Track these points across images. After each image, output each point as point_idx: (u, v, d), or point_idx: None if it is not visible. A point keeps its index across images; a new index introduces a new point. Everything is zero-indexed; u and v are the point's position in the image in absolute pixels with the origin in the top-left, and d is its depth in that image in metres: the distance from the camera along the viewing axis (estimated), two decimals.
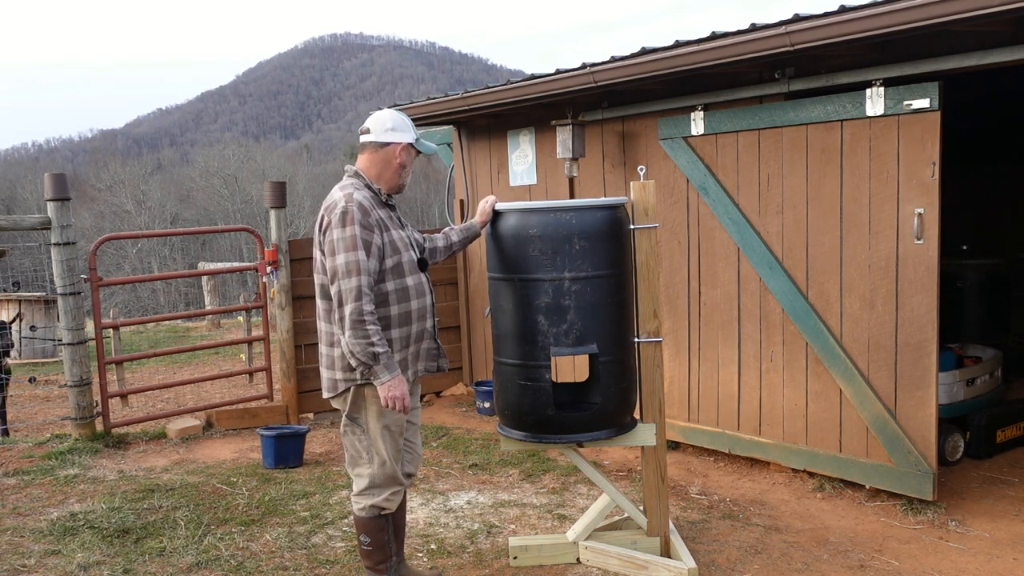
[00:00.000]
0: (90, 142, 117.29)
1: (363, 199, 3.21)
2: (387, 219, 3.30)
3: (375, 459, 3.34)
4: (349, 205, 3.16)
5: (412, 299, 3.32)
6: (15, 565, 4.05)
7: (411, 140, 3.40)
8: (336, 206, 3.19)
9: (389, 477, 3.36)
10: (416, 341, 3.39)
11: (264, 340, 7.20)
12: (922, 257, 4.33)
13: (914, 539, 4.15)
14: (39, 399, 8.93)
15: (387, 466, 3.34)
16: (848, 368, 4.65)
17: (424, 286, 3.39)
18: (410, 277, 3.31)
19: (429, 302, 3.42)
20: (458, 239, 3.74)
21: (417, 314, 3.35)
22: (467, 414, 7.00)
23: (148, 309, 32.97)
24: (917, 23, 3.79)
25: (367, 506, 3.37)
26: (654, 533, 3.92)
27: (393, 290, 3.26)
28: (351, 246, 3.12)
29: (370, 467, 3.35)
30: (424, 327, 3.41)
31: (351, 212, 3.14)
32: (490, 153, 7.14)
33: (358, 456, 3.38)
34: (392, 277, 3.25)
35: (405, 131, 3.39)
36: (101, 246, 6.65)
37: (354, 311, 3.09)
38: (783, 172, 4.90)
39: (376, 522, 3.40)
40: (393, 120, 3.39)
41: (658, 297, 3.81)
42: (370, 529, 3.41)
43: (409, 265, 3.31)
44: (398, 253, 3.27)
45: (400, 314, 3.28)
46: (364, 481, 3.37)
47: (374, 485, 3.36)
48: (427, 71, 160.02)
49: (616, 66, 5.19)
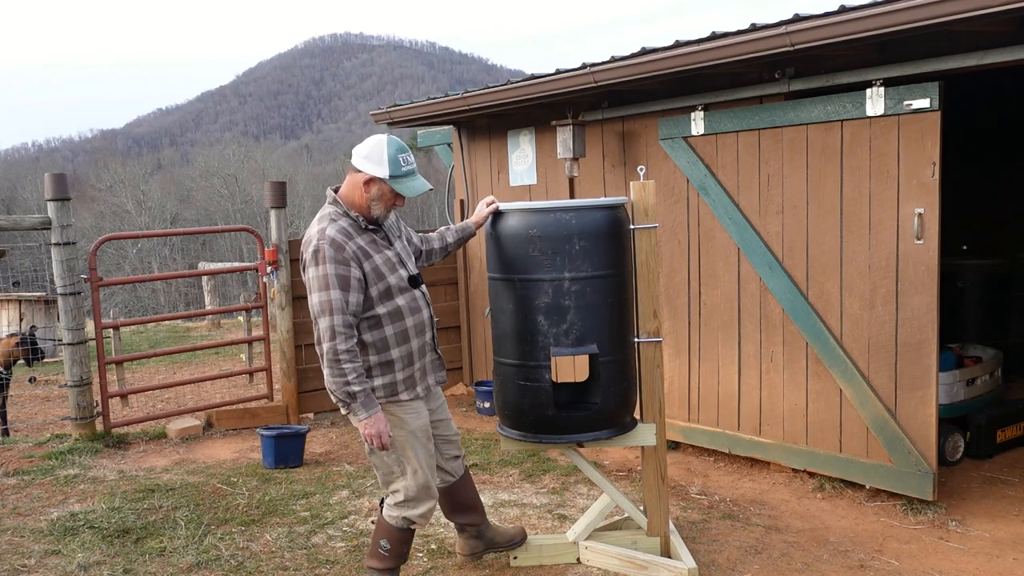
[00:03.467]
0: (90, 142, 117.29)
1: (336, 233, 3.15)
2: (368, 245, 3.23)
3: (407, 469, 3.32)
4: (320, 243, 3.13)
5: (407, 317, 3.30)
6: (15, 565, 4.05)
7: (380, 176, 3.17)
8: (310, 244, 3.17)
9: (423, 487, 3.34)
10: (420, 356, 3.39)
11: (264, 340, 7.20)
12: (922, 257, 4.33)
13: (914, 539, 4.15)
14: (39, 399, 8.93)
15: (419, 474, 3.33)
16: (848, 368, 4.65)
17: (419, 301, 3.37)
18: (401, 297, 3.28)
19: (426, 316, 3.40)
20: (453, 240, 3.75)
21: (415, 331, 3.34)
22: (467, 414, 7.00)
23: (148, 309, 32.97)
24: (917, 23, 3.79)
25: (400, 517, 3.36)
26: (654, 533, 3.92)
27: (385, 313, 3.25)
28: (323, 285, 3.10)
29: (404, 479, 3.33)
30: (424, 341, 3.40)
31: (322, 251, 3.12)
32: (490, 153, 7.14)
33: (390, 473, 3.35)
34: (382, 301, 3.24)
35: (378, 164, 3.17)
36: (101, 246, 6.65)
37: (329, 351, 3.10)
38: (783, 172, 4.90)
39: (403, 534, 3.40)
40: (370, 149, 3.21)
41: (658, 297, 3.81)
42: (394, 538, 3.39)
43: (398, 286, 3.28)
44: (384, 278, 3.24)
45: (397, 334, 3.28)
46: (400, 496, 3.35)
47: (409, 498, 3.34)
48: (427, 71, 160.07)
49: (616, 66, 5.18)
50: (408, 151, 3.25)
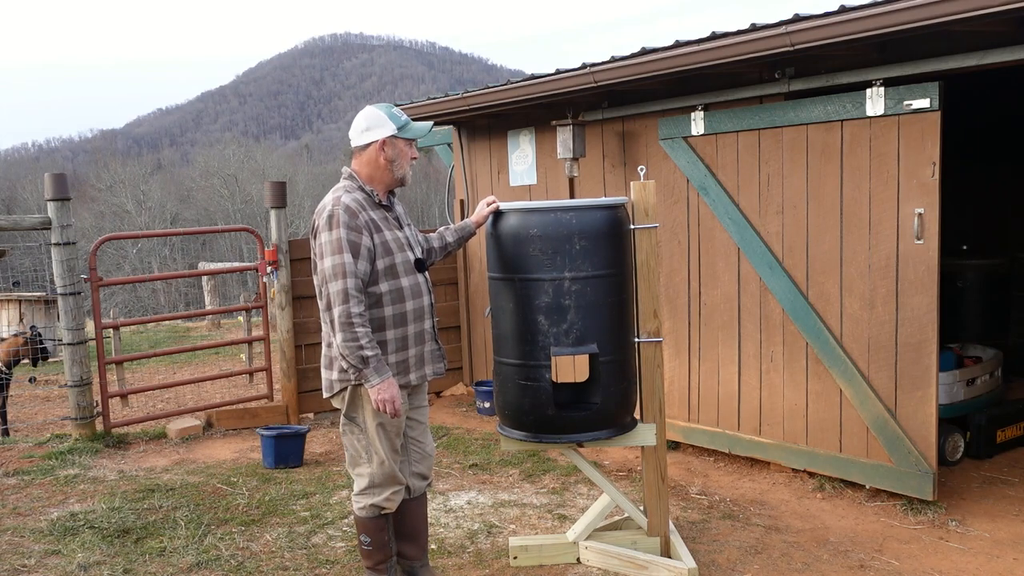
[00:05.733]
0: (90, 142, 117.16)
1: (351, 201, 3.19)
2: (381, 220, 3.27)
3: (374, 458, 3.33)
4: (335, 208, 3.16)
5: (408, 300, 3.29)
6: (15, 565, 4.05)
7: (388, 133, 3.26)
8: (324, 210, 3.20)
9: (388, 476, 3.35)
10: (417, 343, 3.35)
11: (264, 340, 7.21)
12: (922, 257, 4.33)
13: (914, 539, 4.15)
14: (39, 399, 8.94)
15: (385, 465, 3.33)
16: (848, 368, 4.65)
17: (421, 287, 3.36)
18: (405, 278, 3.29)
19: (427, 303, 3.39)
20: (453, 239, 3.72)
21: (413, 315, 3.32)
22: (467, 414, 7.00)
23: (148, 309, 32.95)
24: (917, 23, 3.79)
25: (367, 505, 3.37)
26: (654, 533, 3.92)
27: (387, 291, 3.24)
28: (337, 249, 3.11)
29: (369, 466, 3.34)
30: (423, 328, 3.38)
31: (336, 215, 3.14)
32: (490, 153, 7.14)
33: (358, 456, 3.37)
34: (386, 278, 3.23)
35: (381, 126, 3.27)
36: (101, 246, 6.65)
37: (341, 314, 3.09)
38: (783, 172, 4.90)
39: (376, 522, 3.40)
40: (367, 119, 3.29)
41: (658, 297, 3.81)
42: (370, 529, 3.40)
43: (404, 266, 3.28)
44: (391, 254, 3.24)
45: (395, 315, 3.26)
46: (364, 481, 3.36)
47: (374, 485, 3.35)
48: (427, 71, 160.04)
49: (616, 66, 5.19)
50: (397, 108, 3.37)
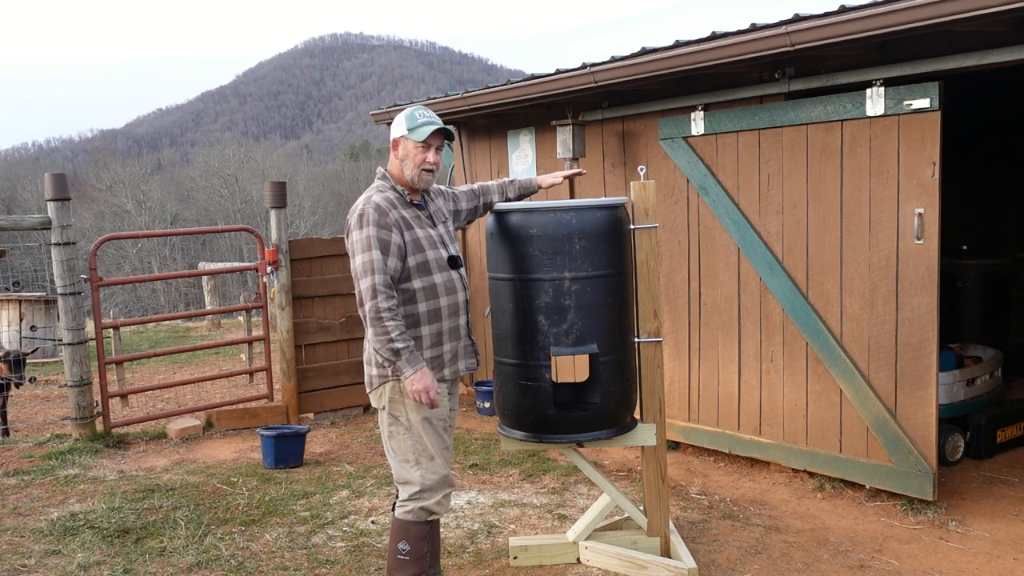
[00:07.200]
0: (90, 142, 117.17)
1: (382, 200, 3.25)
2: (412, 219, 3.31)
3: (423, 457, 3.25)
4: (365, 207, 3.23)
5: (441, 296, 3.31)
6: (15, 565, 4.05)
7: (400, 134, 3.34)
8: (355, 210, 3.27)
9: (441, 478, 3.27)
10: (451, 339, 3.36)
11: (264, 340, 7.21)
12: (922, 257, 4.33)
13: (914, 539, 4.15)
14: (39, 399, 8.93)
15: (437, 462, 3.26)
16: (848, 368, 4.65)
17: (455, 283, 3.37)
18: (438, 274, 3.31)
19: (462, 299, 3.40)
20: (514, 196, 3.85)
21: (448, 311, 3.33)
22: (467, 414, 7.00)
23: (148, 309, 32.95)
24: (917, 23, 3.80)
25: (416, 508, 3.25)
26: (654, 533, 3.92)
27: (420, 288, 3.26)
28: (366, 246, 3.16)
29: (419, 468, 3.25)
30: (457, 323, 3.38)
31: (366, 214, 3.20)
32: (490, 153, 7.14)
33: (405, 459, 3.27)
34: (418, 275, 3.26)
35: (398, 125, 3.35)
36: (101, 246, 6.65)
37: (371, 309, 3.12)
38: (783, 172, 4.90)
39: (421, 528, 3.27)
40: (395, 119, 3.41)
41: (658, 297, 3.81)
42: (412, 535, 3.27)
43: (436, 263, 3.31)
44: (422, 251, 3.27)
45: (429, 311, 3.28)
46: (414, 487, 3.25)
47: (425, 488, 3.25)
48: (427, 71, 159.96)
49: (616, 66, 5.19)
50: (425, 109, 3.41)
